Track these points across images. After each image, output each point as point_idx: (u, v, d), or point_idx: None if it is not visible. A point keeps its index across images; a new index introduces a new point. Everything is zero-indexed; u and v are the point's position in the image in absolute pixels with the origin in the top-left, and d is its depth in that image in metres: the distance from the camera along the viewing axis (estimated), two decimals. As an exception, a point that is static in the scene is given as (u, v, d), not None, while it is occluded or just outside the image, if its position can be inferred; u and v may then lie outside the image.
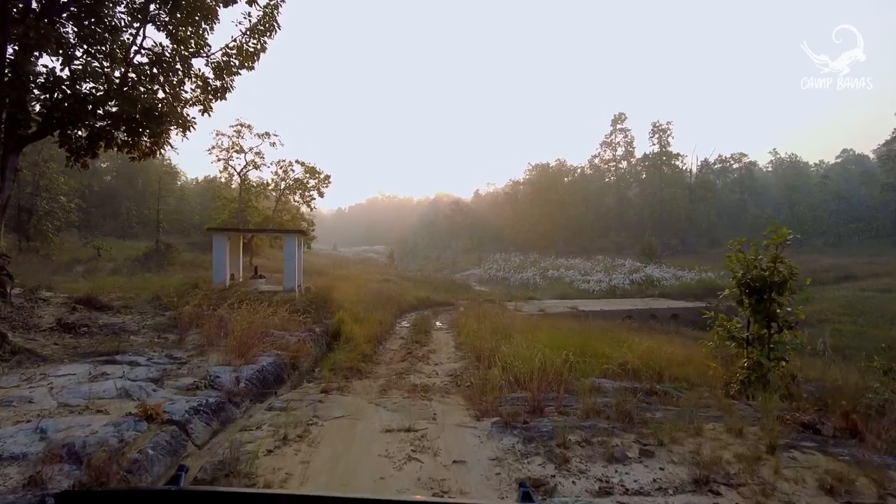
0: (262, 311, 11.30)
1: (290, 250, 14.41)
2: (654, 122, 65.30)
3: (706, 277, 34.81)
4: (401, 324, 17.78)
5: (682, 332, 23.95)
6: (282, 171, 29.87)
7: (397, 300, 21.26)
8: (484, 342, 11.98)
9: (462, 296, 29.52)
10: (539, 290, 36.72)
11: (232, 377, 7.66)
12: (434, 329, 16.44)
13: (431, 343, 13.65)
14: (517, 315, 21.08)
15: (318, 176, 29.98)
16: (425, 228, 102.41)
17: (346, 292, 19.98)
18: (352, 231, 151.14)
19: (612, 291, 34.57)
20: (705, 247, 62.88)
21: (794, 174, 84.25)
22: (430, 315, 20.14)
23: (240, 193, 29.61)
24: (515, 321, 17.33)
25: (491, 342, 11.69)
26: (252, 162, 29.57)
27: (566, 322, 19.54)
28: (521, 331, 14.39)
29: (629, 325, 23.57)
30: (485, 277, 47.82)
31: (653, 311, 27.99)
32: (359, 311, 15.52)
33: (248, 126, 29.04)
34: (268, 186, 30.44)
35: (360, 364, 10.48)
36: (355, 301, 18.26)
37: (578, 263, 44.47)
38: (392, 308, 19.18)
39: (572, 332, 16.72)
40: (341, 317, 13.23)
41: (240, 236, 15.90)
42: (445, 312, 22.22)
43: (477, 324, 15.44)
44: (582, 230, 63.95)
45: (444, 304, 25.21)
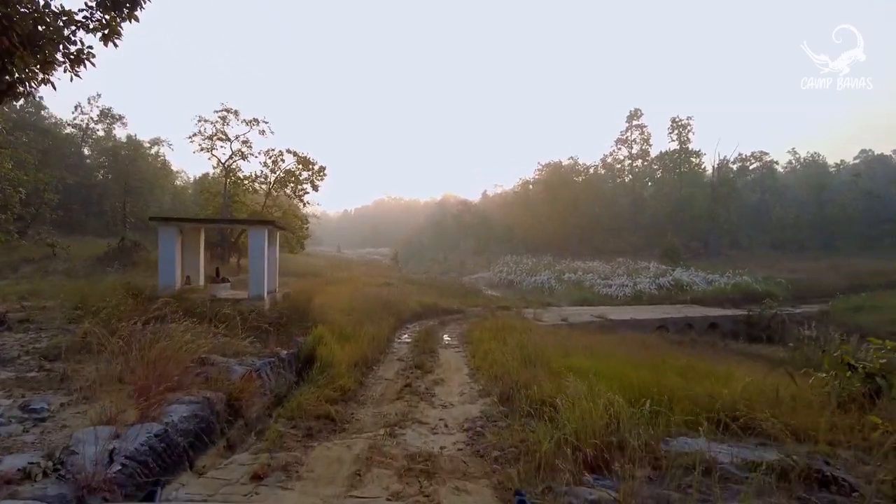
0: (203, 328, 8.19)
1: (257, 246, 11.29)
2: (673, 118, 61.74)
3: (742, 282, 31.45)
4: (400, 338, 14.63)
5: (731, 347, 20.68)
6: (271, 161, 26.82)
7: (397, 308, 18.13)
8: (510, 370, 8.85)
9: (472, 301, 26.34)
10: (555, 295, 33.46)
11: (103, 450, 4.53)
12: (441, 346, 13.26)
13: (438, 368, 10.49)
14: (539, 327, 17.88)
15: (311, 167, 26.89)
16: (432, 229, 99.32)
17: (337, 298, 16.88)
18: (357, 233, 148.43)
19: (637, 297, 31.28)
20: (726, 249, 59.37)
21: (816, 173, 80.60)
22: (436, 326, 17.00)
23: (225, 186, 26.59)
24: (543, 336, 14.17)
25: (521, 371, 8.54)
26: (239, 151, 26.55)
27: (601, 337, 16.32)
28: (553, 348, 11.23)
29: (667, 338, 20.33)
30: (495, 281, 44.60)
31: (689, 321, 24.71)
32: (347, 323, 12.40)
33: (235, 112, 26.09)
34: (256, 179, 27.40)
35: (336, 406, 7.35)
36: (346, 310, 15.14)
37: (597, 266, 41.12)
38: (390, 318, 16.05)
39: (613, 349, 13.53)
40: (320, 333, 10.09)
41: (199, 230, 12.77)
42: (454, 322, 19.05)
43: (496, 341, 12.27)
44: (596, 231, 60.52)
45: (453, 311, 22.06)
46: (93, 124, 41.89)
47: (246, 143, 26.53)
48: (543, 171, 68.74)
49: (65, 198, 37.73)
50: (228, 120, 25.96)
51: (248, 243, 25.72)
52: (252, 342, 9.21)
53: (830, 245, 56.63)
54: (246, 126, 26.32)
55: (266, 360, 8.38)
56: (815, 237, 58.27)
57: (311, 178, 27.09)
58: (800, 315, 26.73)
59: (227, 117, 25.92)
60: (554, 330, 17.39)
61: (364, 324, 13.47)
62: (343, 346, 10.46)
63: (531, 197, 70.75)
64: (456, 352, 12.38)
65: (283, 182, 27.20)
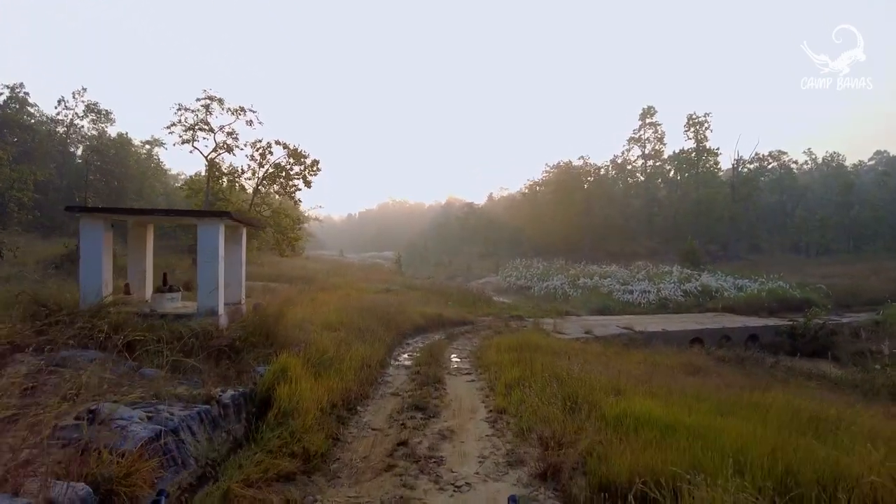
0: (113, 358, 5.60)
1: (210, 246, 8.61)
2: (689, 115, 58.63)
3: (777, 287, 28.59)
4: (399, 359, 11.95)
5: (783, 364, 17.87)
6: (258, 154, 24.21)
7: (396, 319, 15.45)
8: (549, 417, 6.25)
9: (481, 310, 23.63)
10: (571, 302, 30.70)
11: None
12: (448, 371, 10.56)
13: (445, 409, 7.83)
14: (561, 341, 15.19)
15: (303, 161, 24.30)
16: (436, 232, 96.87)
17: (325, 309, 14.28)
18: (362, 237, 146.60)
19: (662, 304, 28.48)
20: (745, 252, 56.42)
21: (838, 173, 77.60)
22: (442, 342, 14.31)
23: (207, 182, 24.02)
24: (576, 357, 11.51)
25: (565, 421, 5.93)
26: (223, 144, 23.99)
27: (639, 357, 13.61)
28: (595, 378, 8.57)
29: (712, 354, 17.57)
30: (503, 286, 41.87)
31: (726, 332, 21.95)
32: (330, 343, 9.76)
33: (219, 100, 23.54)
34: (242, 174, 24.83)
35: (289, 487, 4.72)
36: (333, 324, 12.52)
37: (615, 271, 38.33)
38: (388, 333, 13.37)
39: (665, 378, 10.82)
40: (284, 364, 7.43)
41: (146, 227, 10.14)
42: (463, 336, 16.35)
43: (518, 365, 9.61)
44: (610, 234, 57.67)
45: (460, 322, 19.36)
46: (78, 120, 39.43)
47: (231, 134, 23.99)
48: (552, 172, 65.99)
49: (47, 197, 35.42)
50: (212, 109, 23.44)
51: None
52: (189, 377, 6.64)
53: (859, 248, 53.61)
54: (231, 116, 23.80)
55: (196, 410, 5.73)
56: (840, 239, 55.25)
57: (302, 173, 24.49)
58: (848, 325, 23.93)
59: (210, 106, 23.39)
60: (582, 346, 14.69)
61: (353, 343, 10.83)
62: (318, 380, 7.82)
63: (539, 198, 68.06)
64: (468, 381, 9.70)
65: (273, 178, 24.61)
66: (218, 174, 24.32)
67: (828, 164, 79.20)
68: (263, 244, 30.35)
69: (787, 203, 69.14)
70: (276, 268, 33.01)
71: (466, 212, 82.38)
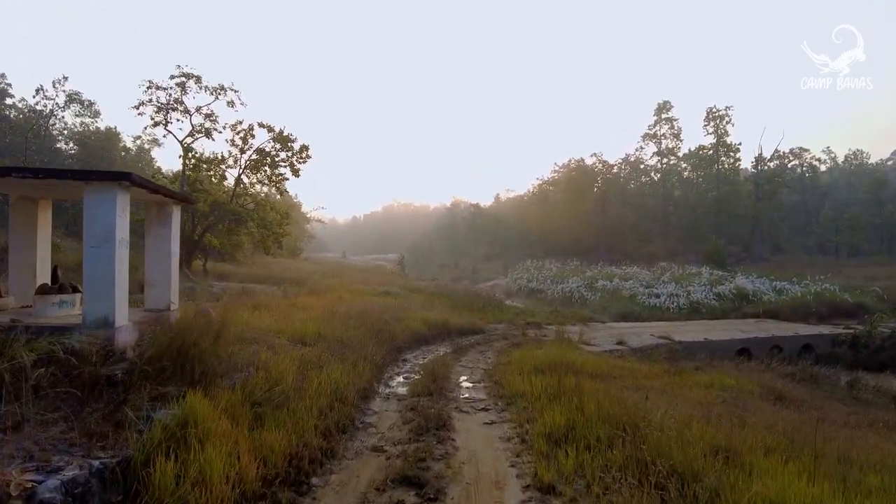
0: None
1: (101, 224, 5.73)
2: (709, 108, 55.33)
3: (825, 290, 25.47)
4: (390, 384, 9.01)
5: (864, 383, 14.85)
6: (239, 138, 21.37)
7: (392, 328, 12.55)
8: None
9: (493, 316, 20.69)
10: (590, 307, 27.71)
11: None
12: (457, 406, 7.57)
13: (454, 479, 4.88)
14: (598, 358, 12.26)
15: (290, 146, 21.45)
16: (442, 234, 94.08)
17: (302, 318, 11.44)
18: (366, 239, 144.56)
19: (694, 309, 25.44)
20: (768, 253, 53.18)
21: (862, 172, 74.39)
22: (447, 358, 11.36)
23: (183, 171, 21.22)
24: (626, 376, 8.63)
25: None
26: (201, 127, 21.19)
27: (703, 377, 10.64)
28: (681, 422, 5.68)
29: (774, 370, 14.55)
30: (513, 289, 38.97)
31: (775, 342, 18.93)
32: (287, 368, 6.88)
33: (196, 77, 20.75)
34: (222, 162, 21.96)
35: None
36: (306, 337, 9.70)
37: (637, 272, 35.29)
38: (378, 348, 10.46)
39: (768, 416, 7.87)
40: (191, 410, 4.53)
41: (37, 205, 7.27)
42: (473, 350, 13.41)
43: (558, 401, 6.72)
44: (624, 234, 54.54)
45: (469, 330, 16.43)
46: (58, 110, 36.78)
47: (210, 116, 21.19)
48: (563, 171, 63.02)
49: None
50: (188, 87, 20.64)
51: (214, 241, 20.18)
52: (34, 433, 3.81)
53: (892, 249, 50.26)
54: (210, 95, 20.98)
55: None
56: (871, 240, 51.92)
57: (290, 160, 21.65)
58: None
59: (185, 84, 20.58)
60: (624, 364, 11.74)
61: (328, 364, 7.96)
62: (255, 433, 4.96)
63: (550, 198, 65.09)
64: (486, 424, 6.74)
65: (257, 166, 21.75)
66: (195, 161, 21.49)
67: (850, 162, 75.91)
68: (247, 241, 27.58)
69: (809, 202, 65.94)
70: (267, 269, 30.21)
71: (473, 212, 79.52)
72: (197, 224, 22.15)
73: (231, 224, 21.35)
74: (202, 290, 17.12)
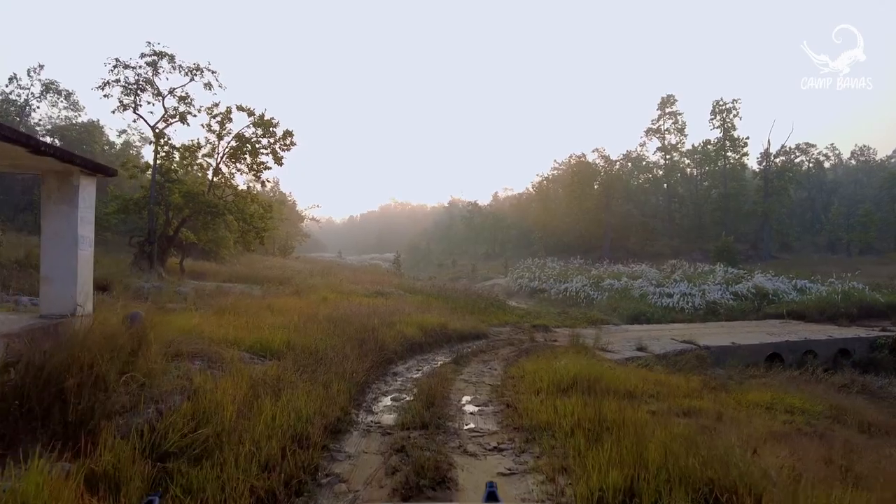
0: None
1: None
2: (715, 101, 53.51)
3: (852, 290, 23.65)
4: (373, 409, 7.08)
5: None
6: (216, 123, 19.44)
7: (381, 335, 10.64)
8: None
9: (495, 318, 18.81)
10: (596, 307, 25.85)
11: None
12: (461, 445, 5.64)
13: None
14: (624, 369, 10.43)
15: (272, 131, 19.54)
16: (440, 233, 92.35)
17: (272, 323, 9.60)
18: (363, 239, 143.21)
19: (711, 310, 23.60)
20: (776, 250, 51.40)
21: (869, 168, 72.85)
22: (446, 371, 9.46)
23: (155, 158, 19.28)
24: (671, 394, 6.81)
25: None
26: (175, 111, 19.24)
27: (759, 394, 8.77)
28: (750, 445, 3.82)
29: (821, 380, 12.71)
30: (513, 288, 37.12)
31: (808, 345, 17.12)
32: (228, 396, 5.01)
33: (170, 56, 18.81)
34: (198, 149, 20.01)
35: None
36: (270, 348, 7.88)
37: (646, 270, 33.48)
38: (361, 360, 8.55)
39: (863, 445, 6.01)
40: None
41: None
42: (477, 359, 11.53)
43: (600, 439, 4.85)
44: (629, 231, 52.69)
45: (471, 335, 14.55)
46: (34, 100, 34.81)
47: (185, 99, 19.22)
48: (565, 167, 61.21)
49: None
50: (160, 67, 18.69)
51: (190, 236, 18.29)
52: None
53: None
54: (184, 76, 19.04)
55: None
56: (884, 237, 50.15)
57: (272, 147, 19.73)
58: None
59: (157, 63, 18.64)
60: (652, 377, 9.87)
61: (289, 387, 6.10)
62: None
63: (551, 195, 63.31)
64: (505, 478, 4.84)
65: (237, 154, 19.81)
66: (168, 149, 19.57)
67: (856, 157, 74.27)
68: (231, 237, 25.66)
69: (816, 199, 64.29)
70: (251, 267, 28.24)
71: (471, 211, 77.70)
72: (172, 218, 20.25)
73: (207, 217, 19.41)
74: (168, 290, 15.21)
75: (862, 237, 47.47)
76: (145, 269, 19.01)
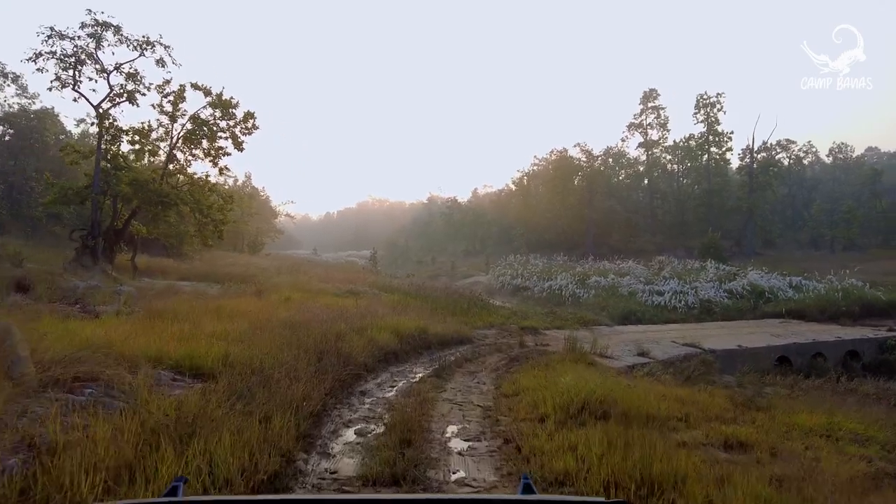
0: None
1: None
2: (699, 95, 52.64)
3: (851, 287, 22.60)
4: (329, 448, 5.32)
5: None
6: (168, 102, 17.41)
7: (346, 344, 8.90)
8: None
9: (479, 319, 17.13)
10: (583, 305, 24.38)
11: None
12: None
13: None
14: (640, 385, 8.88)
15: (231, 113, 17.59)
16: (419, 230, 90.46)
17: (216, 330, 7.89)
18: (341, 235, 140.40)
19: (706, 309, 22.34)
20: (759, 247, 50.83)
21: (845, 165, 73.10)
22: (425, 388, 7.78)
23: (99, 142, 17.19)
24: (706, 420, 5.20)
25: None
26: (121, 89, 17.17)
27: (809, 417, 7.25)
28: None
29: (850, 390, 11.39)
30: (495, 286, 35.51)
31: (819, 348, 15.88)
32: (117, 445, 3.21)
33: (115, 27, 16.73)
34: (149, 133, 17.95)
35: None
36: (200, 365, 6.18)
37: (633, 267, 32.24)
38: (320, 379, 6.81)
39: None
40: None
41: None
42: (462, 370, 9.85)
43: None
44: (613, 227, 51.60)
45: (453, 339, 12.89)
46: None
47: (134, 76, 17.14)
48: (545, 162, 59.91)
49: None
50: (104, 40, 16.59)
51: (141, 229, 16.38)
52: None
53: (888, 242, 48.24)
54: (133, 50, 16.98)
55: None
56: (866, 234, 49.90)
57: (231, 130, 17.79)
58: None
59: (100, 35, 16.55)
60: (671, 392, 8.33)
61: (206, 428, 4.36)
62: None
63: (532, 191, 62.01)
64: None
65: (193, 138, 17.81)
66: (115, 132, 17.48)
67: (834, 155, 74.50)
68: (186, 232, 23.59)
69: (797, 195, 64.17)
70: (213, 264, 26.12)
71: (450, 207, 76.06)
72: (121, 209, 18.19)
73: (158, 208, 17.39)
74: (107, 289, 13.26)
75: (845, 234, 47.07)
76: (89, 265, 16.97)
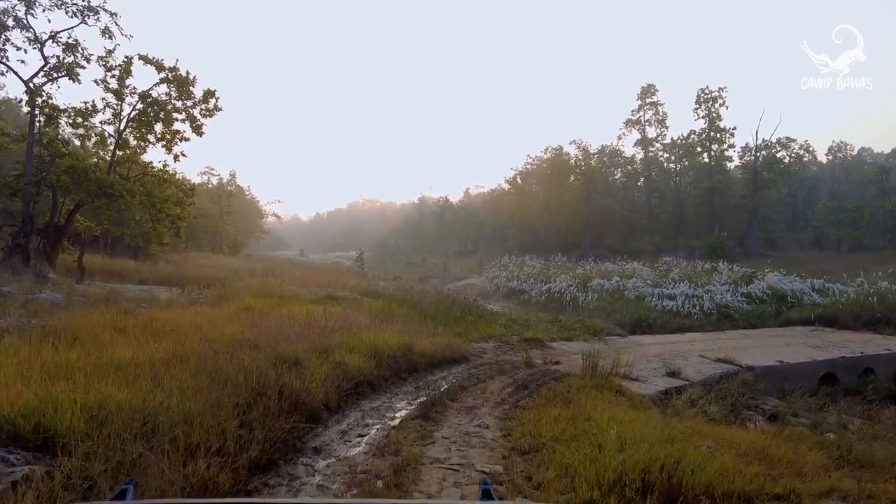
0: None
1: None
2: (701, 89, 50.60)
3: (886, 291, 20.51)
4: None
5: None
6: (114, 78, 14.98)
7: (297, 375, 6.57)
8: None
9: (475, 329, 14.75)
10: (585, 310, 22.07)
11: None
12: None
13: None
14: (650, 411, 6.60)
15: (189, 91, 15.21)
16: (410, 230, 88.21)
17: (121, 358, 5.46)
18: (330, 236, 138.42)
19: (724, 315, 20.21)
20: (763, 247, 48.98)
21: (845, 164, 71.71)
22: (406, 434, 5.50)
23: (31, 124, 14.75)
24: None
25: None
26: (59, 61, 14.72)
27: None
28: None
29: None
30: (489, 289, 33.39)
31: (866, 362, 13.76)
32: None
33: (50, -10, 14.28)
34: (92, 113, 15.54)
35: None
36: (53, 422, 3.64)
37: (638, 269, 30.12)
38: (242, 437, 4.49)
39: None
40: None
41: None
42: (458, 404, 7.53)
43: None
44: (610, 227, 49.57)
45: (444, 358, 10.56)
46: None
47: (73, 47, 14.70)
48: (540, 160, 57.80)
49: None
50: (35, 2, 14.15)
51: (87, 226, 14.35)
52: None
53: (895, 242, 46.51)
54: (72, 17, 14.54)
55: None
56: (873, 234, 48.10)
57: (188, 110, 15.40)
58: None
59: None
60: (739, 438, 6.09)
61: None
62: None
63: (527, 190, 59.86)
64: None
65: (144, 120, 15.39)
66: (51, 111, 15.03)
67: (833, 153, 73.07)
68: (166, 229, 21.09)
69: (798, 194, 62.54)
70: (181, 266, 23.67)
71: (442, 206, 73.91)
72: (63, 202, 15.76)
73: (102, 201, 14.94)
74: (21, 296, 10.83)
75: (853, 234, 45.24)
76: (19, 268, 14.53)
